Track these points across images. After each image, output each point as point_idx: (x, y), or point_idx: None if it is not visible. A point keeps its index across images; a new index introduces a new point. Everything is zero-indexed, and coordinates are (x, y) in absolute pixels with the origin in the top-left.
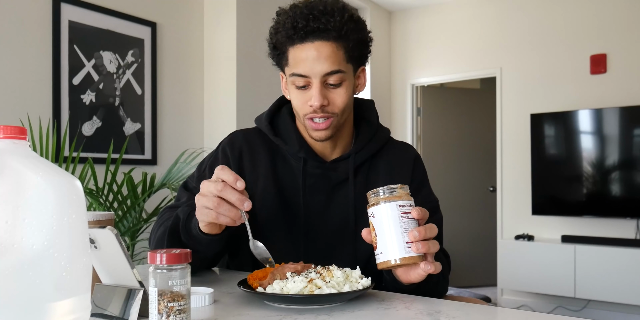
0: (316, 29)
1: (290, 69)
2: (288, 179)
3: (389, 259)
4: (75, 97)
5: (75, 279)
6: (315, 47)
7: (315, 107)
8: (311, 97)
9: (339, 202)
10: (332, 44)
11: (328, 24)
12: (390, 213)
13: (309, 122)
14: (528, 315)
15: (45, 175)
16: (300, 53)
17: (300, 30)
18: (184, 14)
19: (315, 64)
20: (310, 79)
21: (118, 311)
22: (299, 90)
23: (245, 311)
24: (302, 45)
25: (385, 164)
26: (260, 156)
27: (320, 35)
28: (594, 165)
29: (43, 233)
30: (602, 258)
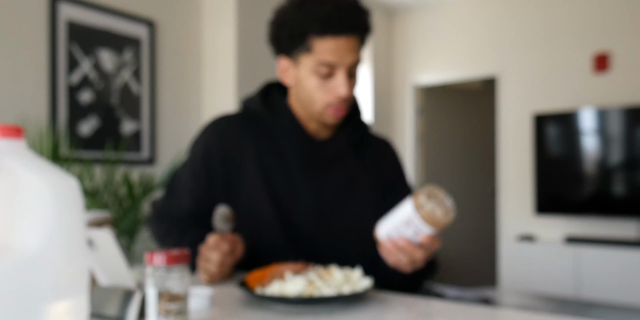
0: (350, 24)
1: (317, 57)
2: (277, 159)
3: (378, 233)
4: (72, 96)
5: (72, 280)
6: (347, 40)
7: (344, 96)
8: (337, 87)
9: (333, 179)
10: (358, 38)
11: (358, 19)
12: (410, 211)
13: (329, 110)
14: (529, 316)
15: (43, 175)
16: (330, 44)
17: (336, 24)
18: (183, 12)
19: (346, 55)
20: (335, 69)
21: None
22: (322, 79)
23: (244, 313)
24: (334, 38)
25: (369, 153)
26: (246, 139)
27: (352, 30)
28: (597, 164)
29: (40, 234)
30: (604, 259)
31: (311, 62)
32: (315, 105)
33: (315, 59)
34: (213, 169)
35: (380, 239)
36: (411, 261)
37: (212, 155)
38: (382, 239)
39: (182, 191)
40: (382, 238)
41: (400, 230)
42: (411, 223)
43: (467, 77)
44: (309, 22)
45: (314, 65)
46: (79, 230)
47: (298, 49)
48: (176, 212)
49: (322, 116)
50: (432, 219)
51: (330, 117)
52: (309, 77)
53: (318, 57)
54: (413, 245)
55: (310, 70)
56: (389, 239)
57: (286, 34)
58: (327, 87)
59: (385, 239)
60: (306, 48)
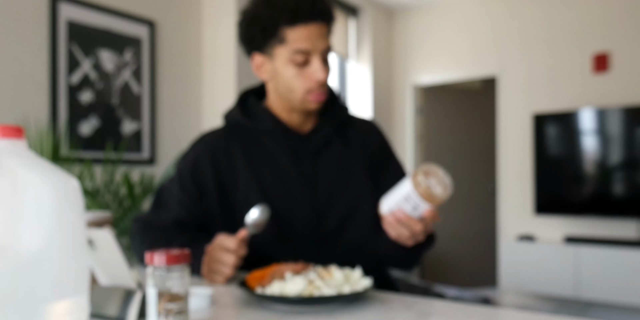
0: (319, 11)
1: (291, 46)
2: (266, 162)
3: (381, 208)
4: (72, 96)
5: (72, 279)
6: (317, 27)
7: (322, 80)
8: (314, 72)
9: (325, 167)
10: (325, 24)
11: (324, 6)
12: (409, 188)
13: (309, 96)
14: (529, 316)
15: (43, 175)
16: (302, 31)
17: (305, 12)
18: (183, 12)
19: (318, 41)
20: (310, 56)
21: (116, 312)
22: (298, 67)
23: (244, 312)
24: (305, 25)
25: (355, 134)
26: (234, 148)
27: (321, 17)
28: (597, 164)
29: (40, 233)
30: (604, 259)
31: (286, 52)
32: (296, 94)
33: (289, 48)
34: (203, 184)
35: (383, 213)
36: (412, 234)
37: (202, 169)
38: (385, 213)
39: (171, 203)
40: (385, 212)
41: (401, 205)
42: (410, 199)
43: (467, 77)
44: (279, 14)
45: (289, 55)
46: (79, 230)
47: (271, 42)
48: (165, 223)
49: (304, 103)
50: (430, 195)
51: (312, 102)
52: (285, 67)
53: (292, 46)
54: (413, 218)
55: (286, 60)
56: (390, 213)
57: (258, 29)
58: (304, 74)
59: (387, 213)
60: (279, 40)
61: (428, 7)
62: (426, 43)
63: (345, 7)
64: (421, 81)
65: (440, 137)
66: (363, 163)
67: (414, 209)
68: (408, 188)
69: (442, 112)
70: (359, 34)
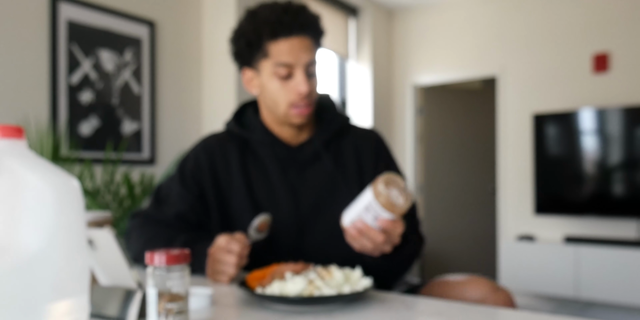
0: (301, 24)
1: (273, 59)
2: (259, 167)
3: (344, 221)
4: (72, 96)
5: (73, 279)
6: (299, 40)
7: (304, 93)
8: (297, 85)
9: (313, 179)
10: (310, 39)
11: (307, 19)
12: (370, 198)
13: (293, 110)
14: (529, 316)
15: (43, 175)
16: (284, 45)
17: (286, 25)
18: (183, 12)
19: (300, 54)
20: (293, 69)
21: (116, 312)
22: (282, 80)
23: (244, 312)
24: (287, 39)
25: (350, 147)
26: (232, 154)
27: (303, 30)
28: (597, 164)
29: (41, 233)
30: (604, 259)
31: (270, 65)
32: (280, 107)
33: (272, 62)
34: (203, 184)
35: (345, 226)
36: (374, 245)
37: (202, 170)
38: (346, 225)
39: (172, 199)
40: (346, 224)
41: (362, 215)
42: (371, 209)
43: (467, 77)
44: (262, 28)
45: (272, 68)
46: (79, 230)
47: (257, 56)
48: (167, 216)
49: (288, 117)
50: (391, 204)
51: (295, 117)
52: (270, 80)
53: (275, 60)
54: (373, 229)
55: (270, 73)
56: (351, 224)
57: (244, 43)
58: (287, 87)
59: (348, 225)
60: (263, 53)
61: (428, 7)
62: (426, 43)
63: (345, 7)
64: (421, 81)
65: (440, 137)
66: (355, 175)
67: (375, 218)
68: (369, 198)
69: (442, 112)
70: (359, 34)
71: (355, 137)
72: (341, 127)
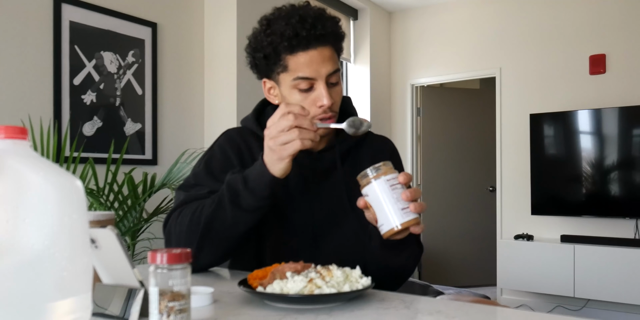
0: (318, 36)
1: (293, 73)
2: None
3: (392, 227)
4: (76, 97)
5: (75, 278)
6: (319, 52)
7: (326, 106)
8: (318, 98)
9: (330, 188)
10: (330, 47)
11: (326, 28)
12: (382, 188)
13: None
14: (527, 314)
15: (46, 175)
16: (303, 58)
17: (303, 39)
18: (185, 14)
19: (320, 67)
20: (315, 81)
21: (118, 311)
22: (302, 93)
23: (245, 311)
24: (305, 52)
25: (366, 155)
26: (256, 150)
27: (321, 41)
28: (593, 165)
29: (44, 233)
30: (601, 258)
31: (289, 79)
32: None
33: (292, 75)
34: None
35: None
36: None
37: (231, 163)
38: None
39: (203, 191)
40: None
41: (396, 204)
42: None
43: (465, 78)
44: (279, 42)
45: (292, 82)
46: (82, 229)
47: (275, 69)
48: (201, 194)
49: None
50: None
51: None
52: (290, 93)
53: (294, 74)
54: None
55: (290, 87)
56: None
57: (261, 56)
58: (309, 99)
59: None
60: (282, 67)
61: (426, 8)
62: (425, 44)
63: (344, 8)
64: (420, 81)
65: (439, 137)
66: None
67: (396, 188)
68: (378, 186)
69: (441, 113)
70: (358, 35)
71: (372, 145)
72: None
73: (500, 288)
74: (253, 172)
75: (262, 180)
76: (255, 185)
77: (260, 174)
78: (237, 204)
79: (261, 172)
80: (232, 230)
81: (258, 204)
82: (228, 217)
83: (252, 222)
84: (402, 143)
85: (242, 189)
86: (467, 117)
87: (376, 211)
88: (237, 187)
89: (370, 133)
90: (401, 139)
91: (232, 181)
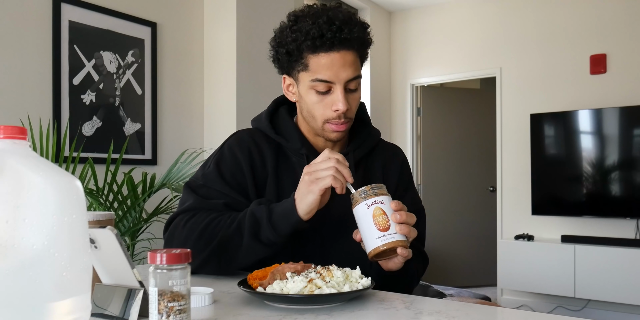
0: (343, 40)
1: (312, 74)
2: (290, 176)
3: (376, 246)
4: (75, 97)
5: (75, 278)
6: (341, 56)
7: (341, 111)
8: (334, 102)
9: (340, 197)
10: (353, 52)
11: (352, 33)
12: (365, 210)
13: (328, 126)
14: (528, 315)
15: (46, 175)
16: (324, 60)
17: (327, 40)
18: (184, 14)
19: (340, 71)
20: (333, 85)
21: (118, 311)
22: (320, 95)
23: (245, 311)
24: (327, 54)
25: (378, 163)
26: (267, 153)
27: (345, 45)
28: (594, 165)
29: (43, 233)
30: (601, 258)
31: (308, 79)
32: (316, 121)
33: (311, 76)
34: (244, 181)
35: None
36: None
37: (241, 168)
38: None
39: (214, 193)
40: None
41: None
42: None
43: (465, 77)
44: (303, 40)
45: (311, 83)
46: (82, 229)
47: (296, 66)
48: (215, 206)
49: (323, 132)
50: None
51: (330, 132)
52: (307, 93)
53: (314, 75)
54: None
55: (308, 86)
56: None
57: (284, 52)
58: (325, 102)
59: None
60: (303, 65)
61: (427, 8)
62: (425, 43)
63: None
64: (420, 81)
65: (439, 137)
66: None
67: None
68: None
69: (441, 113)
70: None
71: (383, 154)
72: (375, 143)
73: (501, 288)
74: (280, 208)
75: (287, 219)
76: (279, 221)
77: (286, 212)
78: (256, 236)
79: (288, 211)
80: (245, 257)
81: (277, 240)
82: (244, 244)
83: (266, 254)
84: (402, 143)
85: (265, 222)
86: (468, 117)
87: (361, 232)
88: (261, 220)
89: (381, 140)
90: (401, 139)
91: (256, 212)
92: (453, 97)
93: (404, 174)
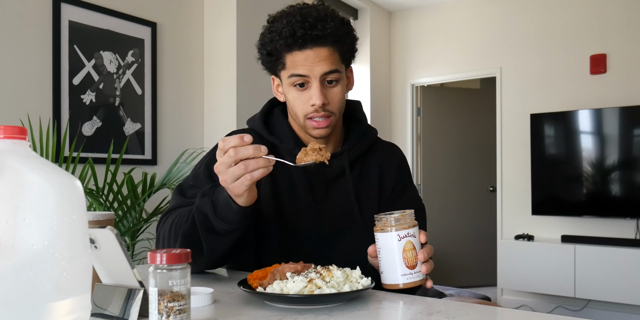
0: (314, 37)
1: (289, 71)
2: (285, 176)
3: (396, 283)
4: (75, 97)
5: (75, 278)
6: (315, 53)
7: (317, 105)
8: (312, 97)
9: (337, 195)
10: (329, 48)
11: (324, 30)
12: (396, 242)
13: (309, 122)
14: (528, 315)
15: (46, 175)
16: (298, 57)
17: (299, 38)
18: (184, 14)
19: (314, 66)
20: (309, 79)
21: (118, 311)
22: (299, 90)
23: (245, 311)
24: (301, 52)
25: (374, 162)
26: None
27: (318, 42)
28: (594, 165)
29: (43, 233)
30: (601, 258)
31: (286, 76)
32: (299, 118)
33: (288, 72)
34: None
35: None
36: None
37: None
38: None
39: (202, 183)
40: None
41: (403, 262)
42: (400, 245)
43: (465, 77)
44: (277, 40)
45: (289, 79)
46: (81, 229)
47: (277, 66)
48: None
49: (307, 129)
50: (397, 222)
51: (312, 130)
52: (289, 91)
53: (290, 71)
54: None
55: (288, 84)
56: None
57: (265, 53)
58: (303, 98)
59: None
60: (282, 64)
61: (427, 8)
62: (425, 43)
63: (344, 8)
64: (420, 81)
65: (439, 137)
66: (377, 192)
67: (416, 243)
68: (392, 238)
69: (441, 113)
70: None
71: (380, 153)
72: (370, 143)
73: (501, 288)
74: (220, 200)
75: (231, 209)
76: (225, 213)
77: (226, 204)
78: (211, 230)
79: (227, 203)
80: (212, 249)
81: (232, 228)
82: (203, 239)
83: (232, 241)
84: (402, 143)
85: (212, 217)
86: (468, 117)
87: (382, 259)
88: (208, 214)
89: (379, 140)
90: (401, 139)
91: (202, 207)
92: (453, 97)
93: (402, 173)
